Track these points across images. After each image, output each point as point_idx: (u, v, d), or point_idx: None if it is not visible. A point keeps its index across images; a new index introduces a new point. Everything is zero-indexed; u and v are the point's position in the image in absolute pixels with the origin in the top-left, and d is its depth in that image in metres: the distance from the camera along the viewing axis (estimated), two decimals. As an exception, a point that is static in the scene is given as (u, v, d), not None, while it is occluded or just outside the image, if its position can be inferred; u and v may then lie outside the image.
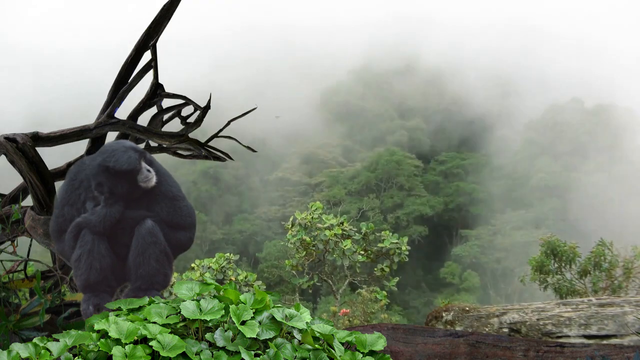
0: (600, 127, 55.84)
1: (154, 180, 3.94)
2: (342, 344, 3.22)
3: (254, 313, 3.09)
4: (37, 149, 4.54)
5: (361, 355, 3.14)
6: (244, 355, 2.86)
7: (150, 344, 2.84)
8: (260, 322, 3.06)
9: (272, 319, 3.12)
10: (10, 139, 4.36)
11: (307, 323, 3.16)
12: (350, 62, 70.85)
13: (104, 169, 3.84)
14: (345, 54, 71.59)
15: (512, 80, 65.26)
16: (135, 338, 2.90)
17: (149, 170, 3.92)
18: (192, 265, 14.15)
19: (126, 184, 3.86)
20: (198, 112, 5.05)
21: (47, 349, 2.83)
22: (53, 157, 4.97)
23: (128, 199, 3.91)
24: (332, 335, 3.16)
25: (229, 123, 5.07)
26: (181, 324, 3.06)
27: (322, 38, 73.64)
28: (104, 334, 2.95)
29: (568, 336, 5.16)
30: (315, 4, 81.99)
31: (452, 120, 63.27)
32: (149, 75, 4.86)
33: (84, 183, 3.99)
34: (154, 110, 5.15)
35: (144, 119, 5.03)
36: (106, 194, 3.86)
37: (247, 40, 74.29)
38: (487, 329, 5.57)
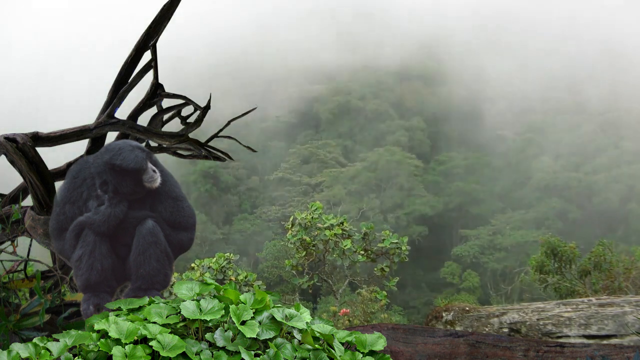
0: (600, 127, 55.87)
1: (158, 181, 3.93)
2: (342, 344, 3.22)
3: (254, 313, 3.09)
4: (37, 149, 4.53)
5: (361, 355, 3.14)
6: (244, 355, 2.86)
7: (150, 344, 2.84)
8: (260, 322, 3.06)
9: (272, 319, 3.12)
10: (10, 139, 4.35)
11: (307, 323, 3.16)
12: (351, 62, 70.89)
13: (110, 167, 3.84)
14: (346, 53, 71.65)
15: (512, 81, 65.27)
16: (135, 338, 2.90)
17: (154, 171, 3.91)
18: (192, 265, 14.14)
19: (131, 183, 3.85)
20: (198, 112, 5.05)
21: (47, 349, 2.83)
22: (53, 156, 4.96)
23: (131, 198, 3.90)
24: (332, 335, 3.16)
25: (229, 123, 5.07)
26: (181, 324, 3.06)
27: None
28: (104, 334, 2.95)
29: (568, 336, 5.15)
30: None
31: (452, 120, 63.26)
32: (149, 75, 4.86)
33: (86, 181, 3.98)
34: (154, 110, 5.14)
35: (144, 119, 5.03)
36: (110, 193, 3.85)
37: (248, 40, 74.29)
38: (487, 329, 5.57)
